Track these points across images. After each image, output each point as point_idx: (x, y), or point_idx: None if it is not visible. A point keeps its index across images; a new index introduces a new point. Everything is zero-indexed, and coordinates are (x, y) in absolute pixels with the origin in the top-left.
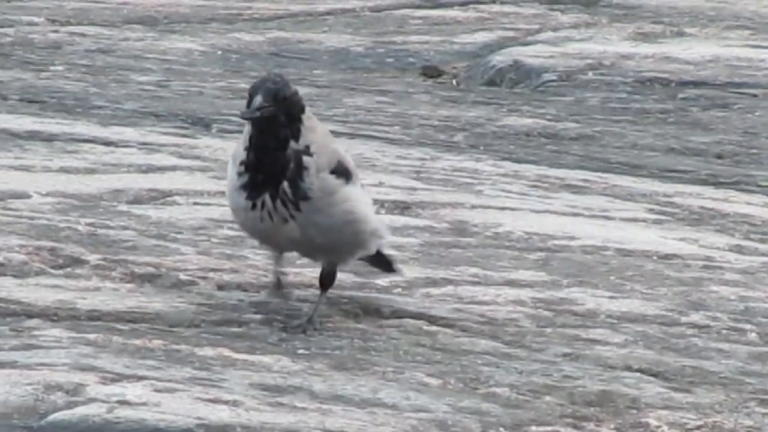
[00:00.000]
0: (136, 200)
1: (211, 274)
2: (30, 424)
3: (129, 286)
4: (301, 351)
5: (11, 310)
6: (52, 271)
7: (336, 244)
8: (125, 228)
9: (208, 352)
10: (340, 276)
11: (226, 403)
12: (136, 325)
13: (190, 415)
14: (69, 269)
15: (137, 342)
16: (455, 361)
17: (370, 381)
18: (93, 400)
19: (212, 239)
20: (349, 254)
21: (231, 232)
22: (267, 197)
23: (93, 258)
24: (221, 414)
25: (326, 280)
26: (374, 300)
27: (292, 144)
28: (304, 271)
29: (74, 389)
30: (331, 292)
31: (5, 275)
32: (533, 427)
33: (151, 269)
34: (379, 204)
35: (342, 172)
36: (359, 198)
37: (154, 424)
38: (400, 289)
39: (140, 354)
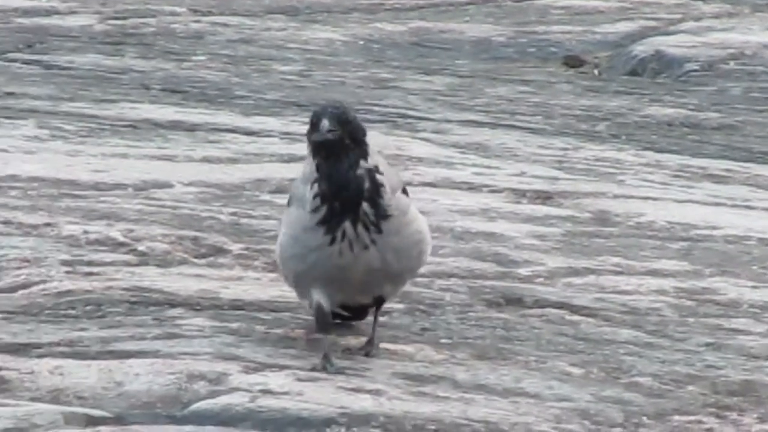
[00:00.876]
0: (279, 190)
1: None
2: (173, 413)
3: (271, 275)
4: (443, 340)
5: (154, 299)
6: (195, 260)
7: (405, 268)
8: (267, 217)
9: (351, 341)
10: (483, 266)
11: (368, 392)
12: (278, 314)
13: (333, 404)
14: (211, 259)
15: (280, 331)
16: (597, 351)
17: (513, 370)
18: (236, 389)
19: None
20: (406, 280)
21: None
22: (347, 225)
23: (235, 247)
24: (364, 403)
25: (381, 303)
26: (516, 289)
27: (362, 163)
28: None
29: (217, 378)
30: (474, 281)
31: (148, 265)
32: (676, 417)
33: None
34: (521, 194)
35: (405, 192)
36: (422, 217)
37: (296, 414)
38: (542, 279)
39: (283, 343)
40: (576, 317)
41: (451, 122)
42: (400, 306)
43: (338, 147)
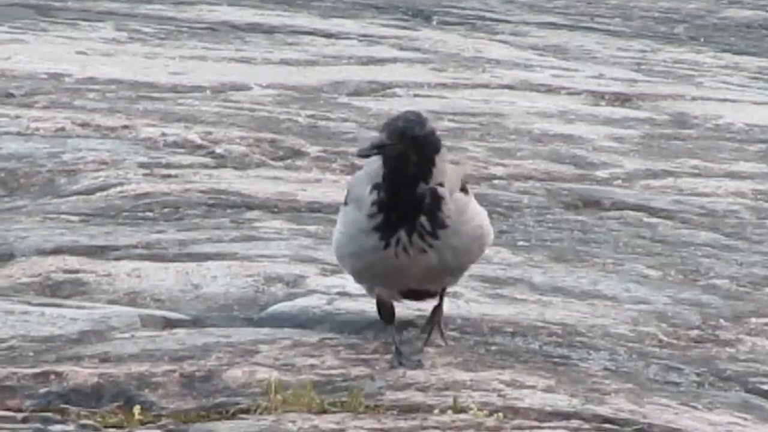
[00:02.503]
0: (357, 92)
1: None
2: (250, 315)
3: (349, 177)
4: (521, 243)
5: (231, 201)
6: (273, 162)
7: (466, 261)
8: (345, 120)
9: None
10: (561, 168)
11: (445, 295)
12: None
13: (410, 307)
14: (289, 161)
15: None
16: (675, 253)
17: (590, 273)
18: (313, 291)
19: None
20: (467, 269)
21: (452, 124)
22: (402, 234)
23: (313, 150)
24: None
25: (437, 309)
26: (594, 192)
27: (422, 185)
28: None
29: (294, 281)
30: (552, 183)
31: (226, 167)
32: (753, 319)
33: None
34: (599, 96)
35: (465, 188)
36: (481, 211)
37: (373, 316)
38: (620, 181)
39: None
40: (654, 219)
41: (529, 24)
42: None
43: (398, 162)
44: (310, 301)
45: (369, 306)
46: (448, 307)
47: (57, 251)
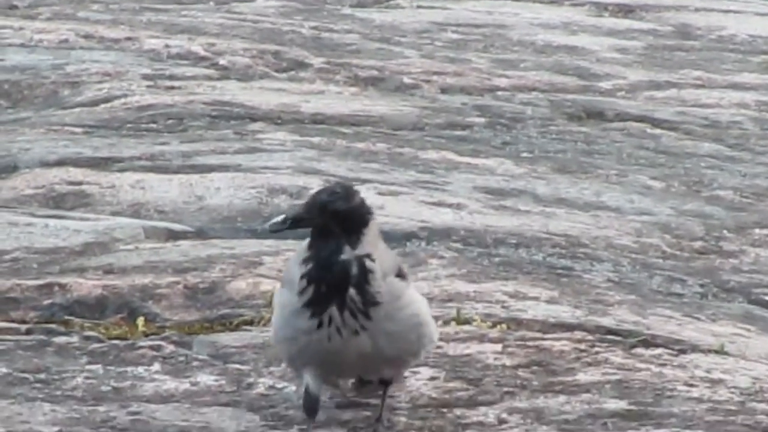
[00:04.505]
0: (360, 3)
1: (434, 78)
2: (254, 227)
3: (352, 89)
4: (524, 154)
5: (235, 113)
6: (276, 74)
7: (402, 352)
8: (349, 31)
9: (432, 155)
10: (564, 79)
11: (449, 206)
12: (359, 128)
13: (414, 218)
14: (293, 72)
15: (361, 145)
16: (678, 164)
17: (594, 184)
18: None
19: (435, 42)
20: (408, 363)
21: (455, 35)
22: (334, 310)
23: (317, 61)
24: (444, 217)
25: (389, 381)
26: (598, 103)
27: (348, 250)
28: None
29: (298, 192)
30: (556, 95)
31: (229, 78)
32: (756, 230)
33: (374, 72)
34: (603, 7)
35: (403, 276)
36: (420, 299)
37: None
38: (623, 92)
39: (364, 157)
40: (657, 131)
41: None
42: (481, 120)
43: (324, 234)
44: None
45: None
46: (451, 218)
47: (61, 163)
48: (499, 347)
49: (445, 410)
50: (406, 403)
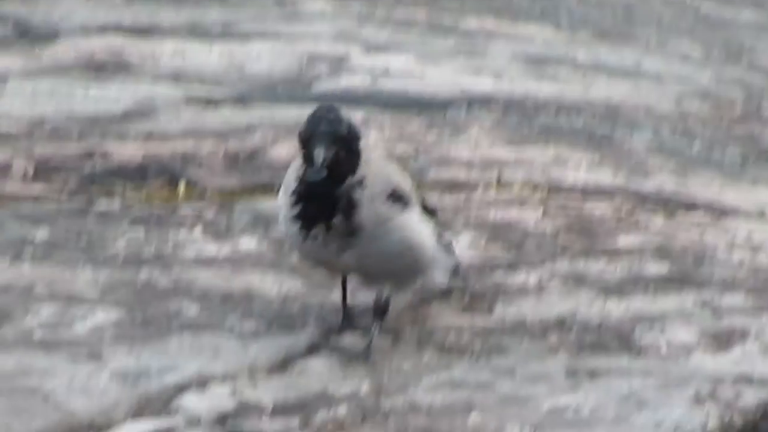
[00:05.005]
0: None
1: None
2: (294, 93)
3: None
4: (564, 21)
5: None
6: None
7: (394, 271)
8: None
9: (472, 23)
10: None
11: (489, 73)
12: None
13: (454, 85)
14: None
15: (401, 13)
16: (718, 32)
17: (634, 51)
18: (357, 70)
19: None
20: (408, 282)
21: None
22: (320, 229)
23: None
24: (485, 84)
25: (380, 309)
26: None
27: (348, 179)
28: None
29: (338, 60)
30: None
31: None
32: None
33: None
34: None
35: (398, 198)
36: (414, 226)
37: (417, 94)
38: None
39: (404, 25)
40: None
41: None
42: None
43: (334, 162)
44: (354, 80)
45: (413, 85)
46: (490, 85)
47: (101, 30)
48: (539, 212)
49: (485, 274)
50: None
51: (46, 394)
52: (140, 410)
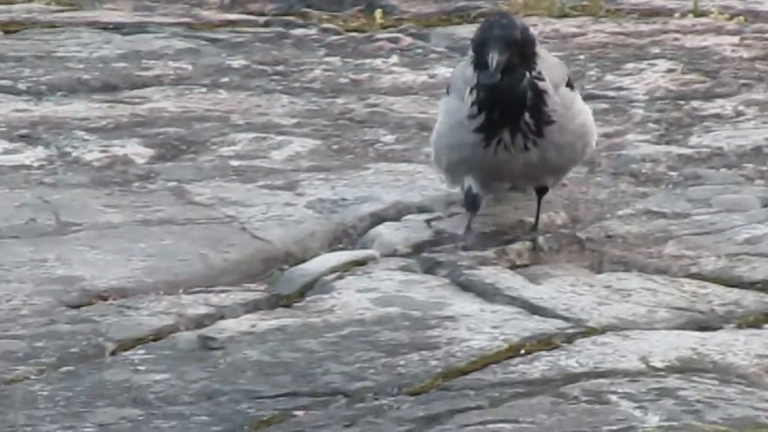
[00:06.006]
0: None
1: None
2: None
3: None
4: None
5: None
6: None
7: (567, 161)
8: None
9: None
10: None
11: None
12: None
13: None
14: None
15: None
16: None
17: None
18: None
19: None
20: (569, 169)
21: None
22: (505, 134)
23: None
24: None
25: (543, 193)
26: None
27: (527, 75)
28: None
29: None
30: None
31: None
32: None
33: None
34: None
35: (571, 85)
36: (586, 109)
37: None
38: None
39: None
40: None
41: None
42: None
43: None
44: None
45: None
46: None
47: None
48: (736, 39)
49: (682, 102)
50: (644, 96)
51: (242, 223)
52: (336, 241)
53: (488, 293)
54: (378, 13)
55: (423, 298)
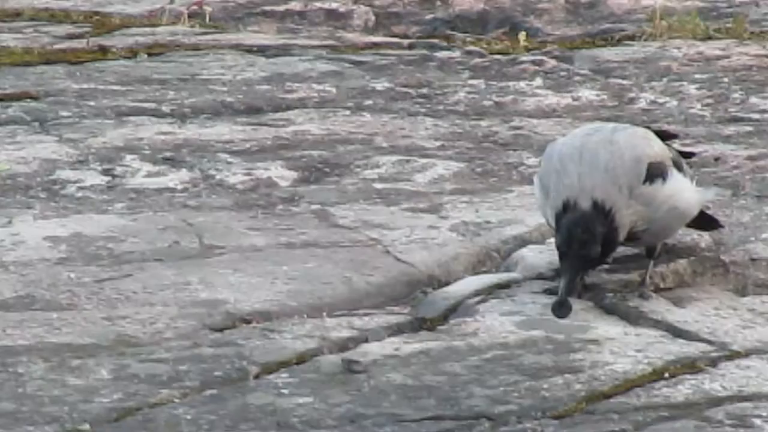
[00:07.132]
0: None
1: None
2: None
3: None
4: None
5: None
6: None
7: (666, 232)
8: None
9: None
10: None
11: None
12: None
13: None
14: None
15: None
16: None
17: None
18: None
19: None
20: (676, 232)
21: None
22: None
23: None
24: None
25: (653, 253)
26: None
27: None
28: None
29: None
30: None
31: None
32: None
33: None
34: None
35: (656, 170)
36: (679, 188)
37: None
38: None
39: None
40: None
41: None
42: None
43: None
44: None
45: None
46: None
47: None
48: None
49: None
50: None
51: (385, 246)
52: (479, 264)
53: (632, 316)
54: (522, 35)
55: (567, 321)
